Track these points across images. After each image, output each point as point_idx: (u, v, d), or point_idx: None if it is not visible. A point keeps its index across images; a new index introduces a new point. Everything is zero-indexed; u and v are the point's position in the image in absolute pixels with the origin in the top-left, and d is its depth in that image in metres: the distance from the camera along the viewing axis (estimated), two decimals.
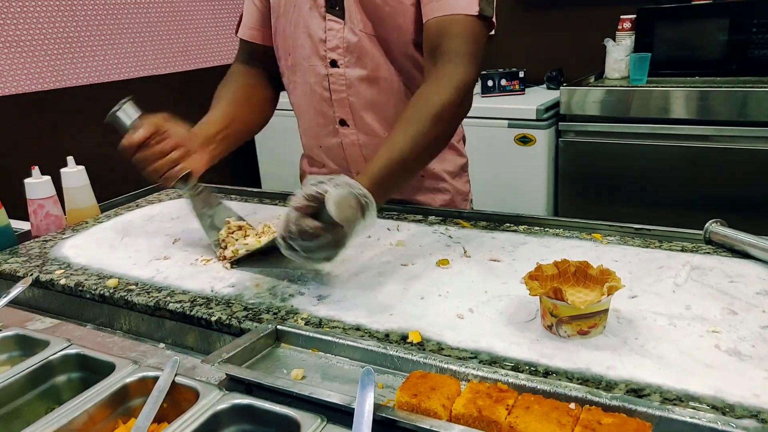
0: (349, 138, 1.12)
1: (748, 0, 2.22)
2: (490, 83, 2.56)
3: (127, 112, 0.98)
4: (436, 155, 1.04)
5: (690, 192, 2.15)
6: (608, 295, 0.66)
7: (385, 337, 0.71)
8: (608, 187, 2.31)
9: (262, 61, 1.20)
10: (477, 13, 0.97)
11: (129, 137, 0.95)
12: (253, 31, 1.19)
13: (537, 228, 1.01)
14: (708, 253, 0.88)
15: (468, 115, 1.23)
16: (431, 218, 1.09)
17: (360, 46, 1.05)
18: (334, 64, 1.07)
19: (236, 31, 1.22)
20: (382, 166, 0.86)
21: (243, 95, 1.16)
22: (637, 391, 0.58)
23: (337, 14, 1.05)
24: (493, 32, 1.04)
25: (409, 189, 1.19)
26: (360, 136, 1.12)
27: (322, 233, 0.74)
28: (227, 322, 0.77)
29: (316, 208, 0.75)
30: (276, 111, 1.25)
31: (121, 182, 1.60)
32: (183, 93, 2.70)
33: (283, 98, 1.23)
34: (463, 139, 1.26)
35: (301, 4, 1.07)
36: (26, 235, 1.15)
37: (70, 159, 1.17)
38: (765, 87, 1.98)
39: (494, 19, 1.00)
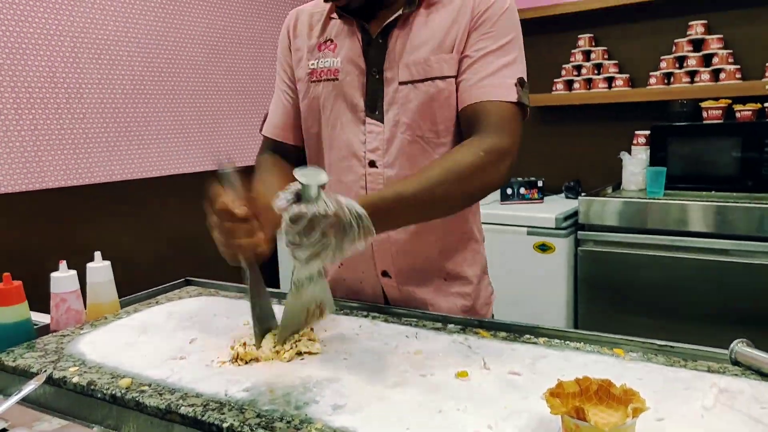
0: (380, 236, 1.14)
1: (758, 121, 2.30)
2: (509, 191, 2.62)
3: (237, 178, 0.97)
4: (449, 213, 1.08)
5: (712, 306, 2.12)
6: (633, 417, 0.64)
7: None
8: (629, 297, 2.28)
9: (288, 157, 1.24)
10: (516, 101, 1.02)
11: (235, 205, 0.91)
12: (278, 129, 1.24)
13: (557, 341, 0.99)
14: (736, 375, 0.85)
15: (487, 221, 1.25)
16: (450, 326, 1.08)
17: (400, 147, 1.09)
18: (372, 164, 1.11)
19: (260, 129, 1.27)
20: (388, 197, 0.91)
21: (281, 173, 1.16)
22: None
23: (377, 118, 1.10)
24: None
25: (432, 291, 1.19)
26: (392, 234, 1.13)
27: (305, 211, 0.80)
28: (239, 429, 0.75)
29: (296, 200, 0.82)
30: None
31: (143, 278, 1.62)
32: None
33: None
34: (483, 240, 1.28)
35: (339, 107, 1.12)
36: (45, 329, 1.16)
37: (97, 254, 1.20)
38: None
39: (528, 108, 1.06)
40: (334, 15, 1.14)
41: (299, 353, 0.96)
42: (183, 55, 2.71)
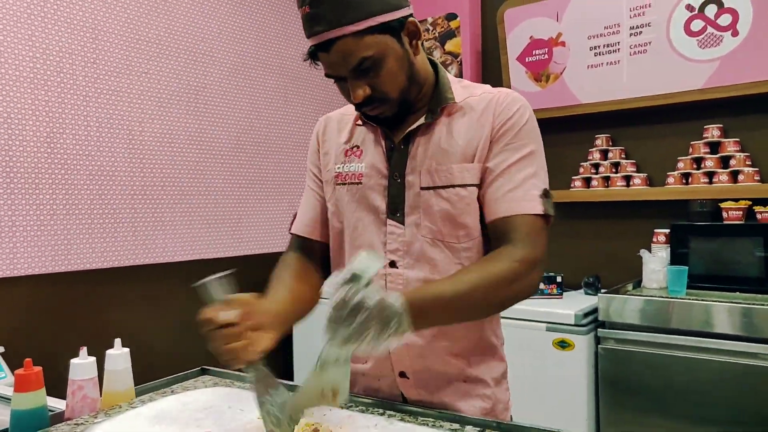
0: None
1: None
2: None
3: (220, 286, 0.98)
4: (480, 317, 1.14)
5: (736, 410, 2.03)
6: None
7: None
8: (651, 398, 2.20)
9: (314, 253, 1.27)
10: (542, 213, 1.06)
11: (217, 313, 0.94)
12: (307, 227, 1.28)
13: None
14: None
15: (506, 315, 1.25)
16: (468, 428, 1.05)
17: (421, 249, 1.11)
18: (393, 264, 1.13)
19: (290, 229, 1.31)
20: (428, 298, 0.96)
21: (299, 277, 1.21)
22: None
23: (398, 219, 1.13)
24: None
25: (450, 393, 1.17)
26: (410, 336, 1.13)
27: (350, 299, 0.85)
28: None
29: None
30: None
31: (160, 365, 1.62)
32: (233, 277, 2.82)
33: None
34: (503, 343, 1.27)
35: (362, 209, 1.16)
36: (59, 416, 1.15)
37: (117, 341, 1.21)
38: None
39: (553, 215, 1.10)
40: (360, 122, 1.21)
41: None
42: (212, 145, 2.82)
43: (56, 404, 1.24)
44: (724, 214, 2.41)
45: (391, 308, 0.88)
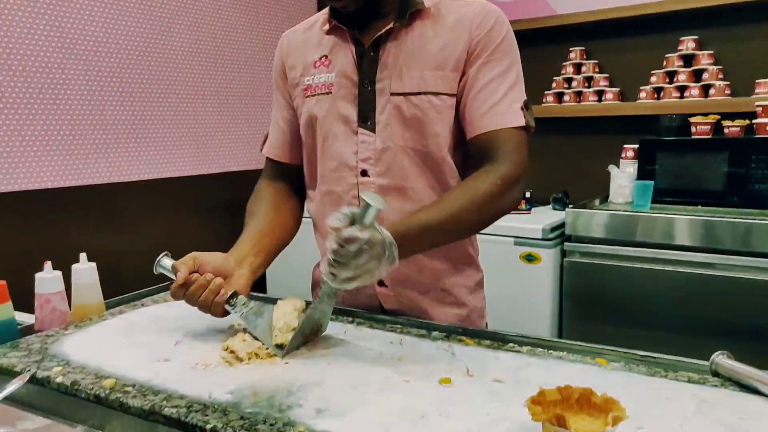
0: None
1: (746, 137, 2.33)
2: None
3: (165, 266, 1.07)
4: (467, 236, 1.18)
5: (694, 318, 2.14)
6: (613, 425, 0.65)
7: None
8: (613, 308, 2.29)
9: (288, 177, 1.29)
10: (524, 125, 1.08)
11: (173, 284, 1.03)
12: (278, 150, 1.28)
13: (541, 350, 1.00)
14: (715, 386, 0.86)
15: None
16: (435, 333, 1.09)
17: (392, 156, 1.11)
18: (364, 173, 1.12)
19: (261, 149, 1.31)
20: (414, 226, 0.98)
21: (272, 209, 1.23)
22: None
23: (369, 128, 1.12)
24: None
25: (427, 301, 1.20)
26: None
27: (360, 236, 0.86)
28: (222, 431, 0.75)
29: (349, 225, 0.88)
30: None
31: (129, 281, 1.61)
32: (197, 196, 2.79)
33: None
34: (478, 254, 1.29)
35: (333, 119, 1.14)
36: (29, 329, 1.15)
37: (82, 255, 1.19)
38: (766, 220, 2.02)
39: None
40: (327, 26, 1.16)
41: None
42: (174, 59, 2.71)
43: (25, 319, 1.23)
44: (693, 129, 2.43)
45: (384, 244, 0.90)
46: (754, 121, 2.33)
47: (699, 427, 0.74)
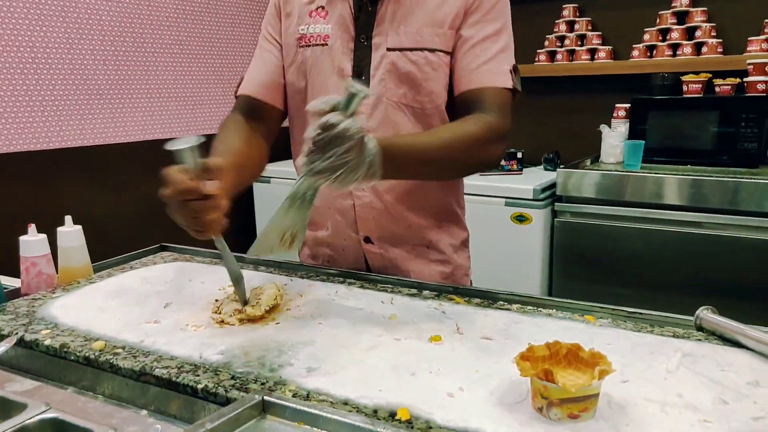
0: (363, 201, 1.15)
1: (737, 96, 2.32)
2: None
3: (194, 153, 0.87)
4: (446, 177, 1.16)
5: (682, 276, 2.16)
6: (599, 379, 0.65)
7: (373, 413, 0.69)
8: (602, 267, 2.32)
9: (260, 117, 1.19)
10: (511, 87, 1.07)
11: (200, 182, 0.85)
12: (258, 87, 1.20)
13: (530, 307, 1.01)
14: (699, 340, 0.87)
15: (466, 191, 1.27)
16: (425, 293, 1.09)
17: (385, 112, 1.10)
18: None
19: (235, 92, 1.23)
20: (400, 145, 0.95)
21: (245, 137, 1.13)
22: None
23: (363, 82, 1.09)
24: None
25: (413, 258, 1.20)
26: (375, 200, 1.14)
27: (340, 121, 0.81)
28: (213, 390, 0.75)
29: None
30: (275, 179, 1.28)
31: (117, 244, 1.60)
32: None
33: (281, 166, 1.26)
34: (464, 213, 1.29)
35: (326, 71, 1.12)
36: (16, 293, 1.15)
37: (68, 218, 1.18)
38: (754, 179, 2.03)
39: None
40: None
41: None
42: (161, 18, 2.64)
43: (11, 283, 1.23)
44: (684, 88, 2.41)
45: (367, 147, 0.85)
46: (745, 79, 2.32)
47: (682, 379, 0.75)
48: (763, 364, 0.79)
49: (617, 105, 2.61)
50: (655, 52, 2.58)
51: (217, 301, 1.03)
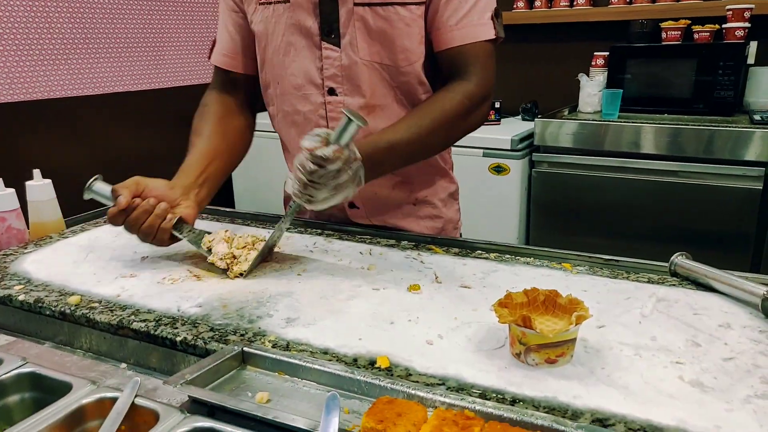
0: None
1: (714, 43, 2.31)
2: None
3: (100, 190, 0.99)
4: (432, 155, 1.14)
5: (658, 224, 2.20)
6: (576, 324, 0.66)
7: (353, 362, 0.70)
8: (579, 217, 2.34)
9: (237, 88, 1.19)
10: (494, 37, 1.04)
11: (113, 209, 0.96)
12: (227, 58, 1.17)
13: (508, 256, 1.02)
14: (673, 285, 0.89)
15: None
16: (404, 243, 1.09)
17: (360, 73, 1.04)
18: (332, 92, 1.06)
19: (209, 56, 1.21)
20: (382, 147, 0.95)
21: (219, 129, 1.14)
22: (602, 421, 0.58)
23: (334, 42, 1.03)
24: None
25: (401, 216, 1.19)
26: None
27: (341, 155, 0.83)
28: (192, 342, 0.75)
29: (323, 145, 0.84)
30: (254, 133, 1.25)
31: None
32: (154, 110, 2.68)
33: (259, 119, 1.23)
34: (452, 167, 1.27)
35: (291, 31, 1.05)
36: None
37: (36, 172, 1.14)
38: (729, 127, 2.05)
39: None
40: None
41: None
42: None
43: None
44: (663, 35, 2.39)
45: (355, 165, 0.88)
46: (723, 25, 2.30)
47: (656, 323, 0.77)
48: (735, 308, 0.81)
49: (595, 53, 2.59)
50: None
51: (210, 233, 1.01)
